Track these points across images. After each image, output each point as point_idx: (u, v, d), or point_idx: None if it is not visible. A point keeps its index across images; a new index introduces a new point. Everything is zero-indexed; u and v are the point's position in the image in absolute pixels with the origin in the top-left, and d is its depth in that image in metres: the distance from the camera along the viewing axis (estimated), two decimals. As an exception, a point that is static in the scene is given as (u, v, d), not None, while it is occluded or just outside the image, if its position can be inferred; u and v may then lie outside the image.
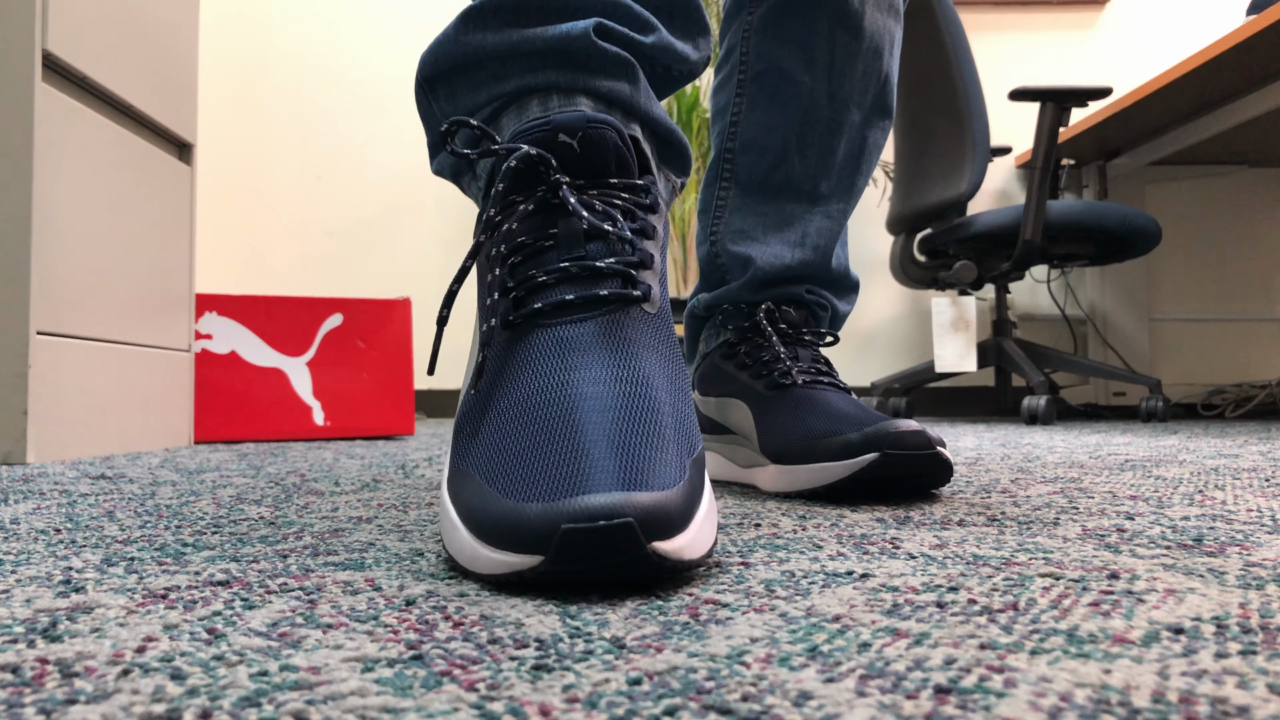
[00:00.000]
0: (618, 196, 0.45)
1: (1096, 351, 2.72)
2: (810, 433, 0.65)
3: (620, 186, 0.45)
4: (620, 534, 0.33)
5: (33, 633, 0.30)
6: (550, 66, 0.48)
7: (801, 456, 0.65)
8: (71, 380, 1.12)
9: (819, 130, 0.75)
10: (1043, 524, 0.52)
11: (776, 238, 0.77)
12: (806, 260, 0.77)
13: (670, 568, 0.34)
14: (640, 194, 0.46)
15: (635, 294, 0.43)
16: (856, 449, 0.61)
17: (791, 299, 0.77)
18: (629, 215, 0.45)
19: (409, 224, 2.79)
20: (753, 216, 0.78)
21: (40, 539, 0.48)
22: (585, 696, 0.23)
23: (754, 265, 0.76)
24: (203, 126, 2.76)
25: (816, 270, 0.78)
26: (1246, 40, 1.85)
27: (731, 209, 0.79)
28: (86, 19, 1.16)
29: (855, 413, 0.66)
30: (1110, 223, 2.14)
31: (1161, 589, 0.35)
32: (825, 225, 0.77)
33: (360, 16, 2.82)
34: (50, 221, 1.08)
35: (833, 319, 0.81)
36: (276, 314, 1.60)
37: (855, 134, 0.76)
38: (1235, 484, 0.74)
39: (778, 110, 0.75)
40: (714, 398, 0.78)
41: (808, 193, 0.77)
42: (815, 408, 0.68)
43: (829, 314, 0.80)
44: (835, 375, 0.73)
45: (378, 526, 0.52)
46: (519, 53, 0.48)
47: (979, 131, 2.13)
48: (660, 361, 0.42)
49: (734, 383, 0.75)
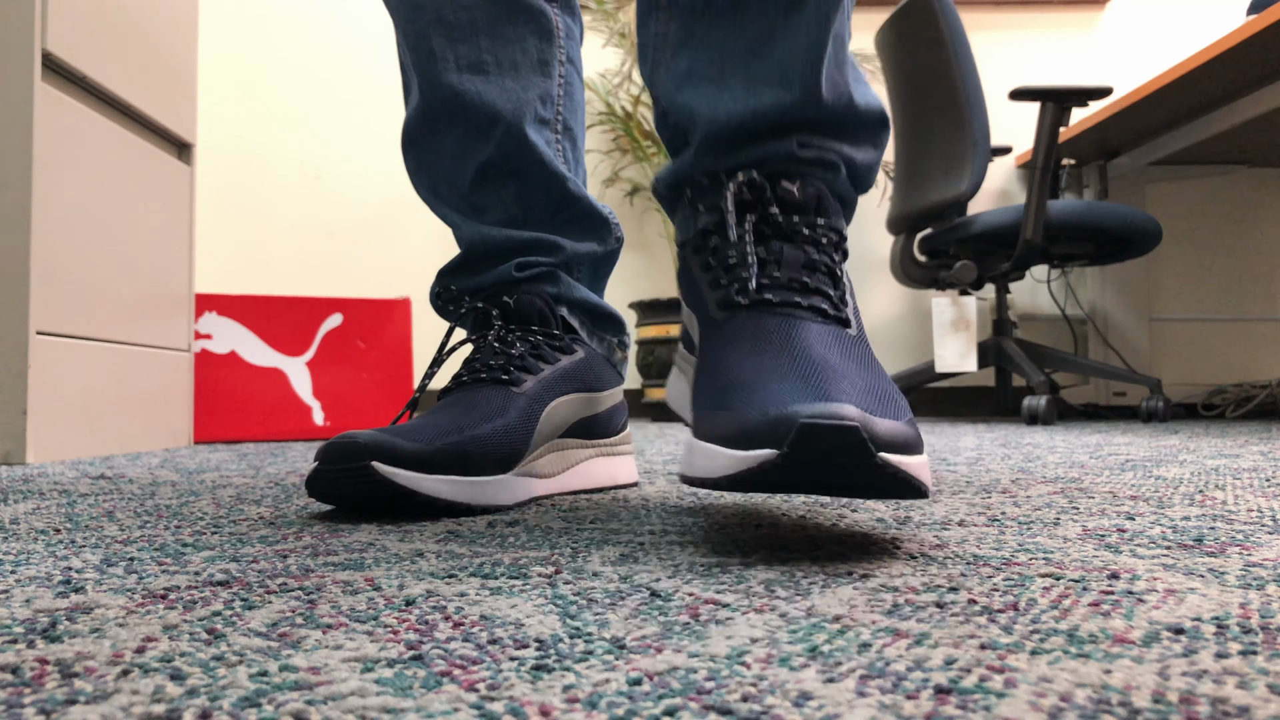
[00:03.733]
0: (532, 335, 0.69)
1: (1097, 351, 2.72)
2: (727, 389, 0.47)
3: (539, 331, 0.69)
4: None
5: (32, 633, 0.29)
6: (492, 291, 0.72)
7: (706, 424, 0.46)
8: (71, 380, 1.12)
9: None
10: (1043, 524, 0.52)
11: (737, 72, 0.55)
12: (782, 100, 0.54)
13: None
14: (552, 339, 0.69)
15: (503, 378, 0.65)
16: (751, 437, 0.41)
17: (780, 161, 0.55)
18: (538, 347, 0.68)
19: (409, 224, 2.79)
20: (702, 49, 0.56)
21: (40, 539, 0.48)
22: (585, 697, 0.23)
23: (699, 118, 0.56)
24: (202, 126, 2.76)
25: (803, 111, 0.54)
26: (1246, 40, 1.85)
27: (674, 43, 0.58)
28: (86, 19, 1.16)
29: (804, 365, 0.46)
30: (1110, 222, 2.14)
31: (1162, 589, 0.35)
32: (804, 43, 0.54)
33: (360, 16, 2.82)
34: (50, 221, 1.08)
35: (853, 176, 0.58)
36: (276, 314, 1.60)
37: None
38: (1236, 484, 0.74)
39: None
40: (687, 307, 0.59)
41: (772, 1, 0.54)
42: (760, 346, 0.48)
43: (841, 172, 0.56)
44: (836, 293, 0.51)
45: (377, 526, 0.52)
46: (469, 290, 0.73)
47: (979, 131, 2.13)
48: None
49: (695, 290, 0.57)
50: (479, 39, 0.71)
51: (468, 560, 0.42)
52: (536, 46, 0.73)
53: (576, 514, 0.58)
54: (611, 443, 0.75)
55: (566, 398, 0.68)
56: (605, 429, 0.74)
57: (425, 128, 0.72)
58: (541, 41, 0.73)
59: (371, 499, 0.56)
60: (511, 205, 0.72)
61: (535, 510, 0.60)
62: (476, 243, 0.72)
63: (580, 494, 0.70)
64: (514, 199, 0.72)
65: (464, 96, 0.71)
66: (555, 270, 0.72)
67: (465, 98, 0.71)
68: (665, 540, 0.47)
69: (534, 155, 0.71)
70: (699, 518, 0.55)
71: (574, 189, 0.73)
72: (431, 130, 0.72)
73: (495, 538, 0.48)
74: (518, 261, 0.71)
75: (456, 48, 0.71)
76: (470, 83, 0.71)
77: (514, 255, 0.72)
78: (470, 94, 0.71)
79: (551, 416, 0.67)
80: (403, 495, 0.55)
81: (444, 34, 0.71)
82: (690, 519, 0.55)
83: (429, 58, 0.71)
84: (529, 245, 0.72)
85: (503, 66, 0.71)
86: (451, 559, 0.42)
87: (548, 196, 0.73)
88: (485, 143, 0.71)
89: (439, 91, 0.71)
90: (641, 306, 2.51)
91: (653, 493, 0.70)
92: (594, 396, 0.71)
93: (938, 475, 0.81)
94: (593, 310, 0.74)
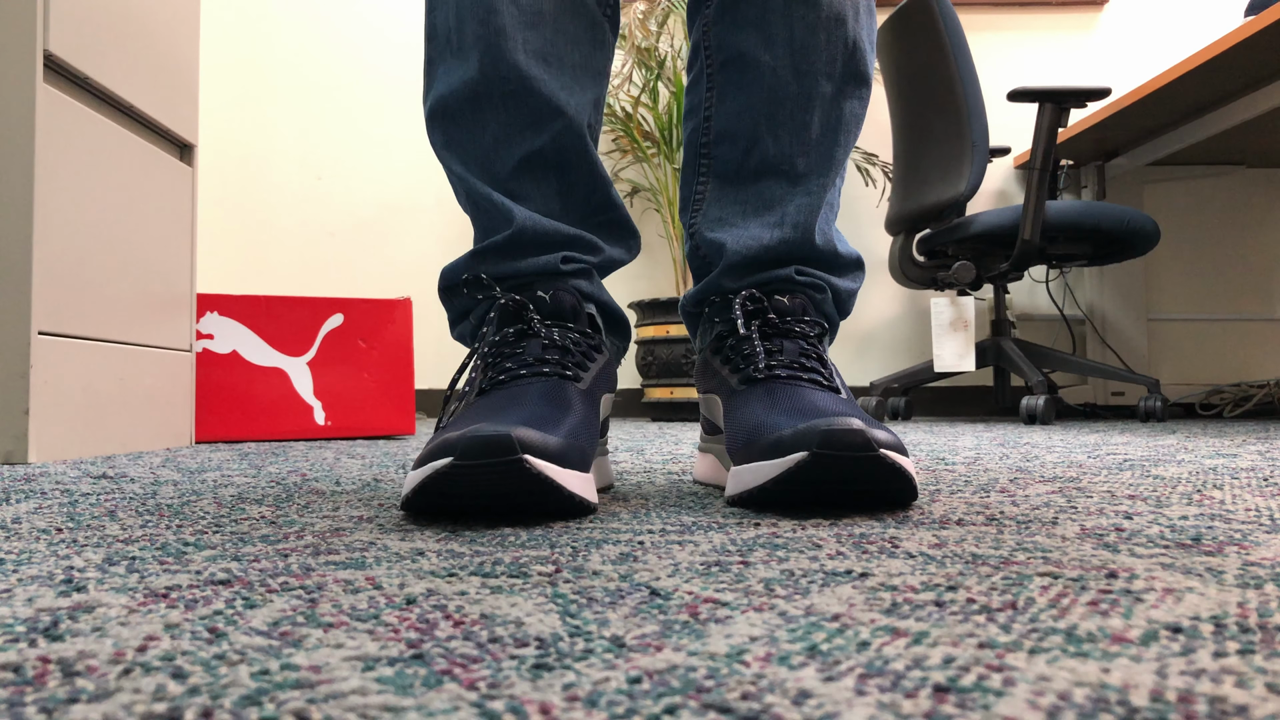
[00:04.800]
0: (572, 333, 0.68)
1: (1095, 351, 2.72)
2: (757, 428, 0.60)
3: (575, 329, 0.68)
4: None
5: (34, 632, 0.30)
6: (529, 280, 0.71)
7: (744, 455, 0.60)
8: (73, 380, 1.12)
9: (787, 107, 0.72)
10: (1041, 523, 0.52)
11: (755, 221, 0.74)
12: (787, 239, 0.73)
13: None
14: (587, 337, 0.69)
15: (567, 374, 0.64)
16: (786, 447, 0.55)
17: (780, 283, 0.73)
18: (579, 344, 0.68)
19: (409, 224, 2.79)
20: (731, 205, 0.75)
21: (42, 538, 0.48)
22: (585, 695, 0.23)
23: (727, 250, 0.73)
24: (204, 127, 2.76)
25: (800, 249, 0.73)
26: (1245, 41, 1.85)
27: (710, 200, 0.76)
28: (87, 19, 1.16)
29: (814, 408, 0.60)
30: (1109, 223, 2.14)
31: (1160, 588, 0.35)
32: (805, 202, 0.73)
33: (361, 17, 2.82)
34: (52, 222, 1.08)
35: (836, 300, 0.76)
36: (277, 314, 1.60)
37: (828, 106, 0.73)
38: (1233, 483, 0.74)
39: (745, 95, 0.73)
40: (703, 394, 0.75)
41: (786, 173, 0.73)
42: (778, 403, 0.62)
43: (828, 295, 0.75)
44: (826, 371, 0.67)
45: (378, 526, 0.52)
46: (505, 275, 0.71)
47: (978, 132, 2.13)
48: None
49: (715, 377, 0.72)
50: (546, 29, 0.70)
51: (468, 559, 0.42)
52: (594, 52, 0.73)
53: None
54: (601, 443, 0.75)
55: (604, 397, 0.69)
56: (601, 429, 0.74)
57: (471, 104, 0.70)
58: (597, 49, 0.74)
59: (513, 495, 0.52)
60: (551, 199, 0.72)
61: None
62: (528, 227, 0.70)
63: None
64: (554, 193, 0.72)
65: (530, 81, 0.69)
66: (592, 269, 0.73)
67: (531, 83, 0.69)
68: (665, 540, 0.47)
69: (588, 155, 0.72)
70: (699, 517, 0.55)
71: (615, 196, 0.75)
72: (477, 107, 0.70)
73: (495, 537, 0.48)
74: (563, 255, 0.71)
75: (525, 31, 0.69)
76: (538, 69, 0.70)
77: (560, 248, 0.71)
78: (537, 80, 0.69)
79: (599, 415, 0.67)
80: (547, 491, 0.52)
81: (514, 13, 0.69)
82: (690, 519, 0.55)
83: (499, 34, 0.68)
84: (574, 240, 0.72)
85: (564, 63, 0.71)
86: (452, 558, 0.42)
87: (590, 197, 0.73)
88: (538, 132, 0.70)
89: (502, 70, 0.68)
90: (641, 306, 2.51)
91: (653, 492, 0.70)
92: (610, 398, 0.72)
93: (936, 474, 0.81)
94: (609, 313, 0.76)
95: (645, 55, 2.64)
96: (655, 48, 2.64)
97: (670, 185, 2.67)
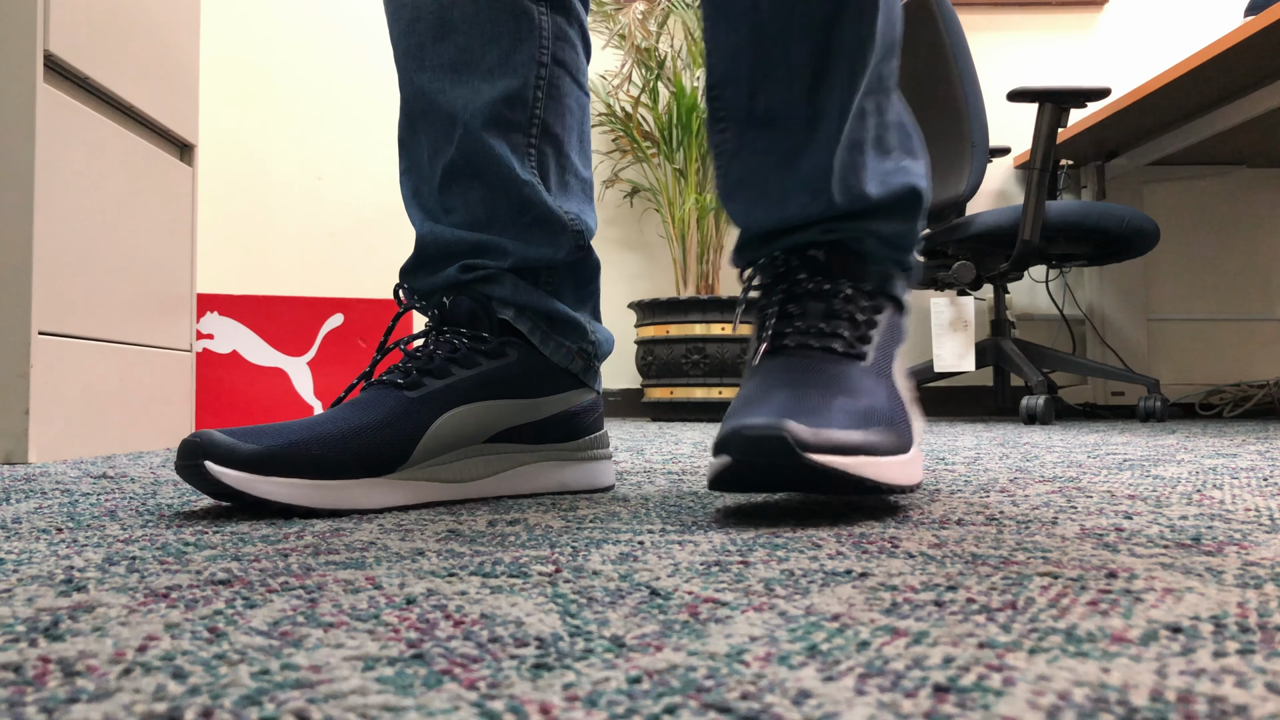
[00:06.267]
0: (458, 338, 0.69)
1: (1095, 351, 2.72)
2: (729, 414, 0.57)
3: (466, 334, 0.69)
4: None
5: (35, 631, 0.30)
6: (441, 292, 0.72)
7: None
8: (73, 380, 1.12)
9: (767, 40, 0.64)
10: (1041, 523, 0.52)
11: (774, 182, 0.67)
12: (804, 205, 0.66)
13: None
14: (478, 341, 0.69)
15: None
16: (717, 447, 0.53)
17: (808, 245, 0.66)
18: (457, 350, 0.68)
19: (409, 224, 2.79)
20: (753, 159, 0.67)
21: (42, 538, 0.48)
22: (585, 695, 0.23)
23: (748, 221, 0.69)
24: (204, 127, 2.76)
25: (821, 211, 0.66)
26: (1245, 41, 1.85)
27: (731, 154, 0.69)
28: (88, 19, 1.16)
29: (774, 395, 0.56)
30: (1108, 223, 2.14)
31: (1160, 588, 0.35)
32: (818, 157, 0.65)
33: (361, 18, 2.82)
34: (52, 222, 1.08)
35: (887, 242, 0.67)
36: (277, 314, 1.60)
37: (816, 34, 0.63)
38: (1233, 483, 0.74)
39: (732, 31, 0.66)
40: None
41: (797, 118, 0.65)
42: (759, 384, 0.59)
43: (870, 240, 0.66)
44: (845, 334, 0.61)
45: (378, 525, 0.52)
46: (423, 290, 0.73)
47: (978, 132, 2.13)
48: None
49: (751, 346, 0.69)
50: (455, 38, 0.70)
51: (468, 559, 0.42)
52: (518, 46, 0.71)
53: (576, 514, 0.58)
54: (569, 448, 0.72)
55: (479, 404, 0.67)
56: (558, 434, 0.71)
57: (408, 127, 0.73)
58: (517, 41, 0.71)
59: (216, 496, 0.57)
60: (476, 207, 0.72)
61: (535, 510, 0.60)
62: (428, 242, 0.72)
63: (556, 496, 0.71)
64: (478, 201, 0.72)
65: (428, 96, 0.71)
66: (502, 274, 0.71)
67: (429, 97, 0.71)
68: (665, 539, 0.47)
69: (491, 156, 0.70)
70: (699, 517, 0.55)
71: (532, 194, 0.71)
72: (413, 130, 0.73)
73: (495, 537, 0.48)
74: (463, 263, 0.71)
75: (433, 47, 0.71)
76: (436, 82, 0.71)
77: (461, 257, 0.72)
78: (433, 93, 0.71)
79: (454, 422, 0.65)
80: (234, 495, 0.56)
81: (422, 33, 0.71)
82: (690, 518, 0.55)
83: (405, 55, 0.72)
84: (476, 247, 0.71)
85: (473, 66, 0.71)
86: (452, 558, 0.42)
87: (508, 200, 0.71)
88: (449, 143, 0.71)
89: (407, 91, 0.73)
90: (641, 306, 2.51)
91: (653, 492, 0.70)
92: (527, 403, 0.70)
93: (936, 474, 0.81)
94: (550, 315, 0.72)
95: (645, 55, 2.64)
96: (655, 48, 2.65)
97: (670, 185, 2.67)
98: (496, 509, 0.61)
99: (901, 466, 0.56)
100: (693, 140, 2.59)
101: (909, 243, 0.69)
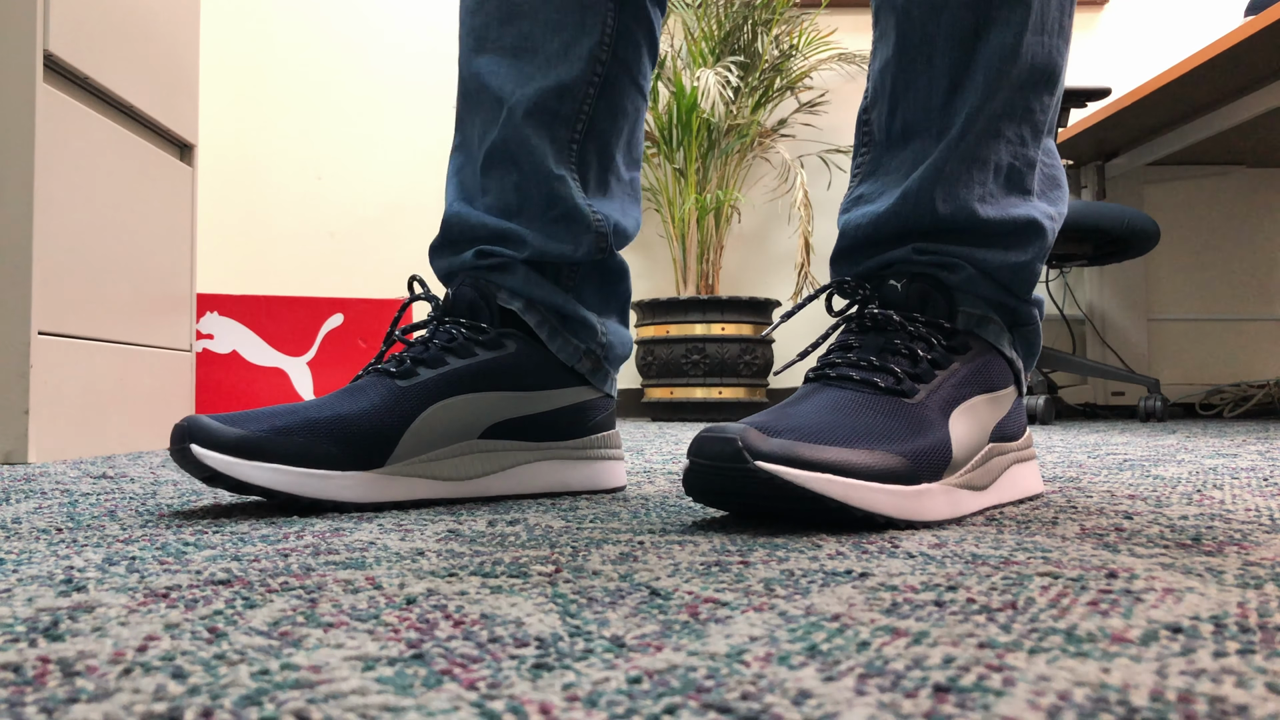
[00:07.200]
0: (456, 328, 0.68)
1: (1095, 351, 2.72)
2: None
3: (464, 324, 0.68)
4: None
5: (34, 631, 0.30)
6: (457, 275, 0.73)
7: None
8: (73, 380, 1.12)
9: (911, 49, 0.62)
10: (1041, 523, 0.52)
11: (881, 194, 0.64)
12: (898, 211, 0.62)
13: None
14: (477, 331, 0.68)
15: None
16: (688, 450, 0.52)
17: (898, 264, 0.62)
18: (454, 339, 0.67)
19: (409, 224, 2.79)
20: (878, 178, 0.65)
21: (42, 538, 0.48)
22: (585, 695, 0.23)
23: (840, 232, 0.66)
24: (204, 127, 2.76)
25: (915, 220, 0.61)
26: (1245, 41, 1.85)
27: (864, 175, 0.66)
28: (88, 19, 1.16)
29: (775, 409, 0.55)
30: (1109, 223, 2.14)
31: (1160, 588, 0.35)
32: (932, 163, 0.61)
33: (361, 16, 2.82)
34: (52, 222, 1.08)
35: (990, 276, 0.62)
36: (277, 314, 1.60)
37: (960, 45, 0.61)
38: (1233, 483, 0.74)
39: (884, 46, 0.64)
40: None
41: (930, 131, 0.62)
42: (785, 401, 0.59)
43: (968, 272, 0.61)
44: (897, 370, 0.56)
45: (378, 525, 0.52)
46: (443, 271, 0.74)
47: (978, 132, 2.12)
48: None
49: None
50: (519, 23, 0.70)
51: (468, 559, 0.42)
52: (573, 38, 0.70)
53: (576, 514, 0.58)
54: (571, 447, 0.71)
55: (472, 395, 0.66)
56: (560, 432, 0.70)
57: (464, 105, 0.74)
58: (580, 34, 0.70)
59: (205, 480, 0.57)
60: (510, 193, 0.71)
61: (535, 510, 0.60)
62: (453, 223, 0.73)
63: (556, 496, 0.71)
64: (513, 188, 0.71)
65: (481, 77, 0.71)
66: (516, 264, 0.70)
67: (482, 79, 0.71)
68: (665, 540, 0.47)
69: (527, 145, 0.70)
70: (699, 517, 0.55)
71: (561, 188, 0.70)
72: (468, 108, 0.73)
73: (495, 537, 0.48)
74: (480, 249, 0.71)
75: (497, 28, 0.71)
76: (493, 64, 0.71)
77: (480, 242, 0.71)
78: (487, 75, 0.71)
79: (444, 412, 0.64)
80: (221, 479, 0.56)
81: (489, 13, 0.71)
82: (690, 518, 0.55)
83: (469, 34, 0.72)
84: (497, 235, 0.71)
85: (532, 53, 0.70)
86: (452, 558, 0.42)
87: (539, 191, 0.71)
88: (494, 126, 0.71)
89: (465, 69, 0.73)
90: (641, 306, 2.51)
91: (653, 492, 0.70)
92: (522, 395, 0.68)
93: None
94: (561, 312, 0.71)
95: (645, 55, 2.64)
96: (655, 48, 2.64)
97: (670, 185, 2.67)
98: (496, 509, 0.61)
99: (891, 495, 0.50)
100: (693, 140, 2.59)
101: (1020, 284, 0.64)
